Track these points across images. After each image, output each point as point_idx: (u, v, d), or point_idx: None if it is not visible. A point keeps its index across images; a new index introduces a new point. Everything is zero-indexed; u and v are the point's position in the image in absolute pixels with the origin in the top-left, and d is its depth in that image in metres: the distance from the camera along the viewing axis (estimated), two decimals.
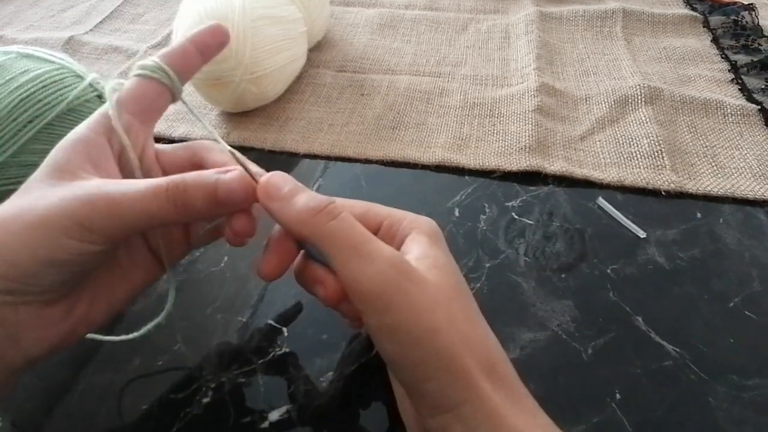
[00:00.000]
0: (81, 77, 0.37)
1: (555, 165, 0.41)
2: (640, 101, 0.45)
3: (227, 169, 0.22)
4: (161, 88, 0.24)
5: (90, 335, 0.26)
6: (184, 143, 0.27)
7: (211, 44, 0.26)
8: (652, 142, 0.41)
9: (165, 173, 0.25)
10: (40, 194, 0.20)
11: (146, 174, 0.24)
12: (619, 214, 0.37)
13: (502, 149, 0.43)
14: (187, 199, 0.21)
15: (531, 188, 0.40)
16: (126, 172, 0.23)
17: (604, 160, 0.41)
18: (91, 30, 0.63)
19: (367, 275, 0.20)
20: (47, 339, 0.21)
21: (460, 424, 0.19)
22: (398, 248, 0.23)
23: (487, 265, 0.35)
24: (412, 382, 0.20)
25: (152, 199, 0.20)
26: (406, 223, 0.24)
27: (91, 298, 0.23)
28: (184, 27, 0.43)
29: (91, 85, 0.37)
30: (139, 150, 0.24)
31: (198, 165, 0.25)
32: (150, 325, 0.27)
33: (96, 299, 0.23)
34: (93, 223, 0.20)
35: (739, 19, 0.56)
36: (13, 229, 0.19)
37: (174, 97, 0.25)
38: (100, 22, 0.65)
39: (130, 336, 0.27)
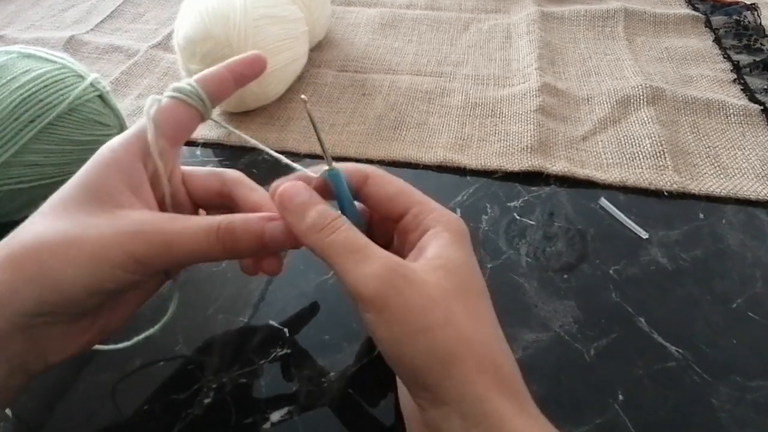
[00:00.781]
0: (82, 77, 0.37)
1: (557, 165, 0.41)
2: (642, 101, 0.45)
3: (271, 216, 0.24)
4: (194, 113, 0.25)
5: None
6: (213, 170, 0.28)
7: (247, 75, 0.27)
8: (655, 142, 0.41)
9: (192, 197, 0.27)
10: (90, 222, 0.21)
11: (174, 199, 0.26)
12: (622, 215, 0.37)
13: (504, 149, 0.43)
14: (235, 242, 0.23)
15: (533, 188, 0.40)
16: (158, 196, 0.25)
17: (606, 161, 0.41)
18: (92, 29, 0.63)
19: (365, 276, 0.20)
20: (70, 350, 0.23)
21: (458, 417, 0.19)
22: (418, 239, 0.23)
23: (489, 265, 0.35)
24: (411, 376, 0.21)
25: (204, 240, 0.22)
26: (433, 216, 0.23)
27: (112, 311, 0.24)
28: (185, 26, 0.43)
29: (92, 84, 0.37)
30: (169, 173, 0.25)
31: (226, 197, 0.27)
32: (141, 336, 0.28)
33: (115, 311, 0.24)
34: (148, 259, 0.21)
35: (742, 18, 0.56)
36: (66, 258, 0.20)
37: (203, 118, 0.26)
38: (101, 21, 0.65)
39: (120, 345, 0.28)
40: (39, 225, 0.21)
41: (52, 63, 0.36)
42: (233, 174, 0.27)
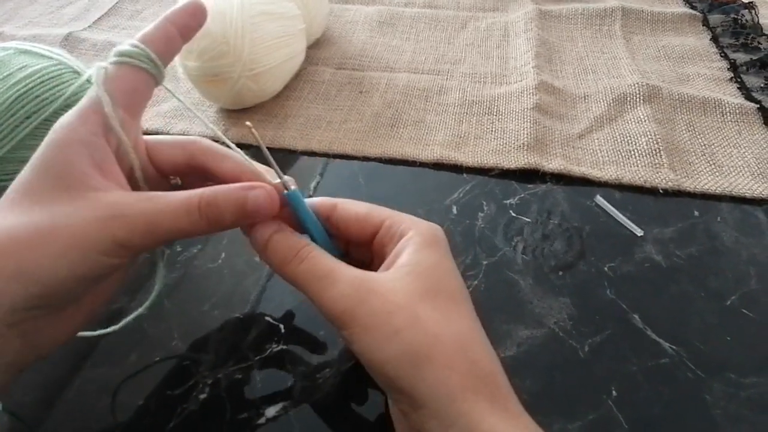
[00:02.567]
0: (79, 73, 0.37)
1: (553, 163, 0.41)
2: (638, 100, 0.45)
3: (252, 185, 0.23)
4: (147, 77, 0.24)
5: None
6: (177, 139, 0.26)
7: (192, 25, 0.25)
8: (651, 140, 0.41)
9: (159, 170, 0.25)
10: (63, 211, 0.20)
11: (143, 173, 0.24)
12: (617, 212, 0.37)
13: (501, 147, 0.43)
14: (219, 215, 0.22)
15: (529, 186, 0.40)
16: (124, 169, 0.23)
17: (602, 159, 0.41)
18: (89, 26, 0.63)
19: (333, 297, 0.21)
20: (58, 338, 0.22)
21: (435, 420, 0.20)
22: (394, 246, 0.24)
23: (485, 262, 0.35)
24: (387, 382, 0.21)
25: (186, 216, 0.21)
26: (406, 225, 0.24)
27: (95, 295, 0.24)
28: None
29: (88, 81, 0.37)
30: (133, 145, 0.24)
31: (198, 168, 0.25)
32: (129, 318, 0.27)
33: (98, 294, 0.24)
34: (131, 242, 0.21)
35: (739, 17, 0.56)
36: (46, 250, 0.19)
37: (157, 82, 0.24)
38: (99, 18, 0.65)
39: (110, 329, 0.27)
40: (6, 221, 0.20)
41: (49, 59, 0.36)
42: (201, 143, 0.25)
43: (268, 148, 0.25)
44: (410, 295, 0.21)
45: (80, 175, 0.21)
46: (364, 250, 0.26)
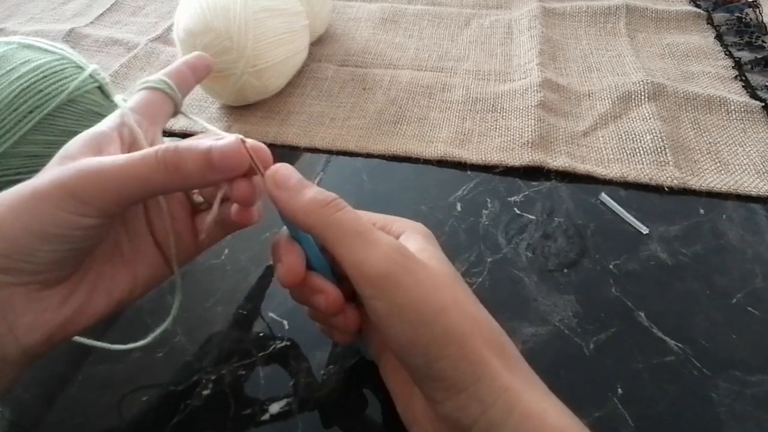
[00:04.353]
0: (81, 68, 0.37)
1: (557, 160, 0.40)
2: (643, 97, 0.45)
3: (218, 135, 0.23)
4: (165, 97, 0.26)
5: (94, 343, 0.27)
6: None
7: (199, 67, 0.28)
8: (656, 138, 0.41)
9: None
10: (37, 176, 0.21)
11: None
12: (622, 210, 0.37)
13: (505, 144, 0.43)
14: (179, 162, 0.20)
15: (533, 183, 0.40)
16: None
17: (606, 156, 0.41)
18: (91, 22, 0.63)
19: (375, 258, 0.20)
20: (42, 326, 0.21)
21: (476, 402, 0.19)
22: None
23: (489, 259, 0.34)
24: (425, 364, 0.20)
25: (141, 164, 0.20)
26: (398, 225, 0.25)
27: (91, 286, 0.22)
28: (185, 19, 0.43)
29: (91, 76, 0.37)
30: (150, 142, 0.25)
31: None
32: (157, 332, 0.27)
33: (96, 288, 0.23)
34: (84, 192, 0.20)
35: (743, 15, 0.56)
36: (5, 203, 0.19)
37: (176, 107, 0.27)
38: (101, 14, 0.65)
39: (139, 344, 0.27)
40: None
41: (52, 54, 0.36)
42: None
43: (270, 144, 0.25)
44: (447, 275, 0.22)
45: (73, 154, 0.21)
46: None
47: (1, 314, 0.20)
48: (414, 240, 0.24)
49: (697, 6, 0.59)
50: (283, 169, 0.22)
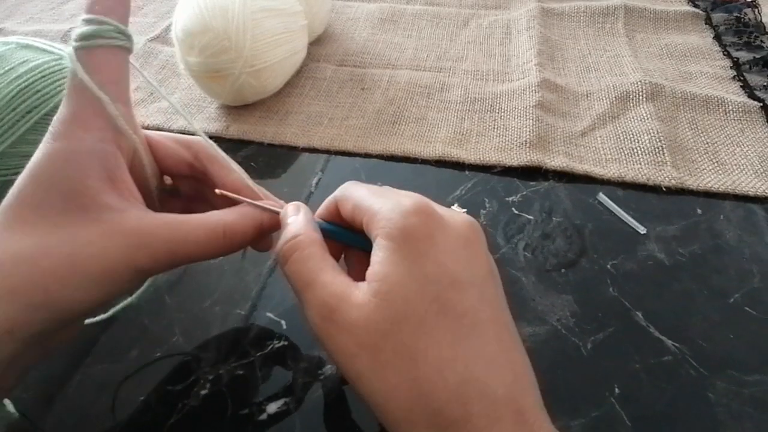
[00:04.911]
0: None
1: (555, 160, 0.40)
2: (641, 98, 0.45)
3: (270, 206, 0.25)
4: (125, 53, 0.22)
5: None
6: (182, 140, 0.26)
7: None
8: (653, 138, 0.41)
9: (162, 169, 0.26)
10: (83, 237, 0.19)
11: (144, 172, 0.24)
12: (620, 210, 0.37)
13: (503, 144, 0.43)
14: (241, 238, 0.23)
15: (531, 183, 0.40)
16: (135, 174, 0.23)
17: (604, 156, 0.41)
18: None
19: (308, 320, 0.20)
20: (67, 340, 0.23)
21: None
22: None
23: None
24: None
25: (210, 243, 0.22)
26: (376, 222, 0.20)
27: None
28: (183, 19, 0.43)
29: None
30: (142, 145, 0.24)
31: (199, 171, 0.26)
32: (119, 306, 0.28)
33: None
34: (153, 269, 0.21)
35: (742, 16, 0.56)
36: (73, 283, 0.19)
37: (129, 52, 0.22)
38: None
39: (98, 318, 0.28)
40: (20, 241, 0.19)
41: (50, 54, 0.36)
42: (205, 149, 0.26)
43: (269, 145, 0.26)
44: (375, 329, 0.18)
45: (93, 193, 0.20)
46: None
47: (43, 349, 0.21)
48: (377, 255, 0.20)
49: (696, 6, 0.59)
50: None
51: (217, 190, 0.24)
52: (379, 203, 0.21)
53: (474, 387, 0.18)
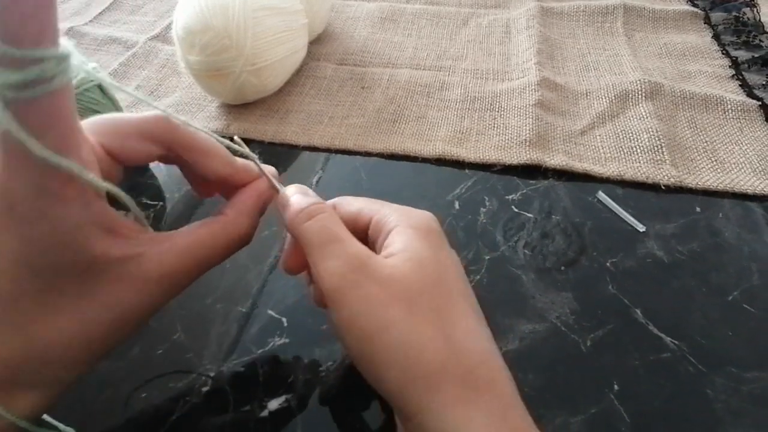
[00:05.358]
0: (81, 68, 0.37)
1: (555, 159, 0.41)
2: (640, 96, 0.45)
3: (258, 189, 0.24)
4: (69, 86, 0.16)
5: None
6: (144, 130, 0.21)
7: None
8: (652, 137, 0.41)
9: (124, 163, 0.21)
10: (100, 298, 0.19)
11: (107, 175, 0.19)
12: (619, 208, 0.37)
13: (503, 143, 0.43)
14: (249, 224, 0.23)
15: (531, 182, 0.40)
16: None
17: (604, 155, 0.41)
18: (90, 21, 0.63)
19: (327, 272, 0.20)
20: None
21: None
22: (384, 240, 0.22)
23: (487, 257, 0.35)
24: (374, 383, 0.20)
25: (222, 252, 0.23)
26: (395, 217, 0.22)
27: None
28: (184, 17, 0.43)
29: (90, 74, 0.37)
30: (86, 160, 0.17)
31: (176, 161, 0.23)
32: None
33: None
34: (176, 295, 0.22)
35: (741, 15, 0.56)
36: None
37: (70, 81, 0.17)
38: (100, 13, 0.65)
39: None
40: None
41: None
42: (179, 137, 0.21)
43: (269, 143, 0.25)
44: (409, 286, 0.19)
45: (102, 255, 0.18)
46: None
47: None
48: (401, 237, 0.21)
49: (695, 5, 0.59)
50: (289, 189, 0.24)
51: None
52: (391, 206, 0.24)
53: (493, 357, 0.20)
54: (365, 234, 0.24)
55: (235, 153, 0.24)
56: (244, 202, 0.23)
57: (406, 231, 0.22)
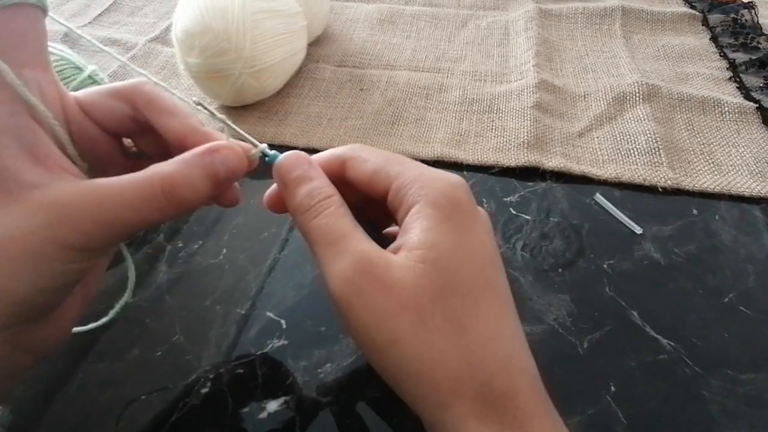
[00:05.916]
0: (80, 68, 0.37)
1: (553, 161, 0.41)
2: (638, 98, 0.46)
3: (212, 147, 0.21)
4: (33, 10, 0.19)
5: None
6: (116, 88, 0.22)
7: None
8: (650, 139, 0.42)
9: (104, 129, 0.22)
10: (3, 220, 0.17)
11: (83, 135, 0.21)
12: (616, 210, 0.37)
13: (501, 145, 0.43)
14: (190, 192, 0.19)
15: (529, 184, 0.40)
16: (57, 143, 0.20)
17: (601, 157, 0.42)
18: (90, 22, 0.63)
19: (334, 274, 0.19)
20: (52, 340, 0.21)
21: None
22: (404, 217, 0.20)
23: None
24: (391, 386, 0.19)
25: (149, 204, 0.19)
26: (415, 189, 0.20)
27: (81, 293, 0.22)
28: (183, 20, 0.43)
29: (90, 76, 0.37)
30: (57, 104, 0.20)
31: (143, 123, 0.22)
32: (117, 307, 0.26)
33: (84, 292, 0.22)
34: (86, 244, 0.18)
35: (738, 17, 0.56)
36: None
37: (44, 12, 0.20)
38: (99, 14, 0.65)
39: (99, 323, 0.26)
40: None
41: (51, 54, 0.36)
42: (143, 90, 0.22)
43: (268, 144, 0.24)
44: (421, 292, 0.18)
45: (12, 173, 0.17)
46: (385, 209, 0.22)
47: (20, 347, 0.19)
48: (420, 225, 0.19)
49: (693, 7, 0.59)
50: (288, 160, 0.22)
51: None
52: (413, 170, 0.20)
53: (517, 362, 0.18)
54: (384, 198, 0.21)
55: (239, 139, 0.23)
56: (189, 155, 0.20)
57: (426, 212, 0.19)
